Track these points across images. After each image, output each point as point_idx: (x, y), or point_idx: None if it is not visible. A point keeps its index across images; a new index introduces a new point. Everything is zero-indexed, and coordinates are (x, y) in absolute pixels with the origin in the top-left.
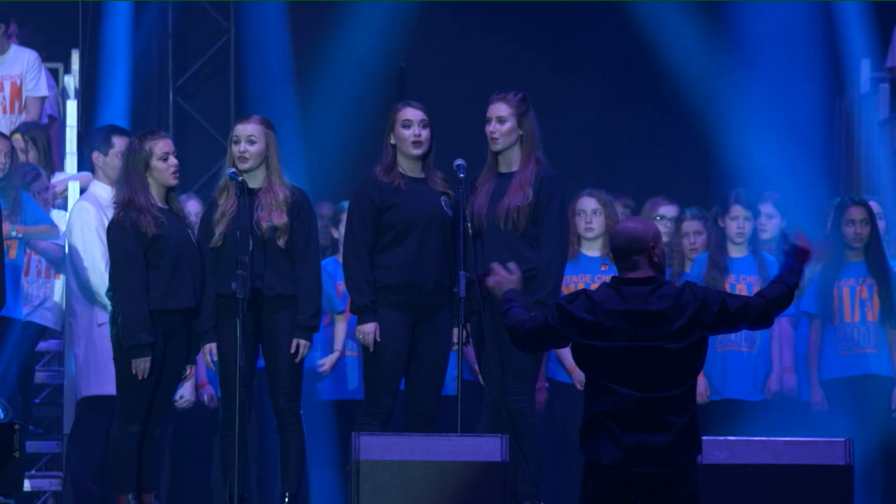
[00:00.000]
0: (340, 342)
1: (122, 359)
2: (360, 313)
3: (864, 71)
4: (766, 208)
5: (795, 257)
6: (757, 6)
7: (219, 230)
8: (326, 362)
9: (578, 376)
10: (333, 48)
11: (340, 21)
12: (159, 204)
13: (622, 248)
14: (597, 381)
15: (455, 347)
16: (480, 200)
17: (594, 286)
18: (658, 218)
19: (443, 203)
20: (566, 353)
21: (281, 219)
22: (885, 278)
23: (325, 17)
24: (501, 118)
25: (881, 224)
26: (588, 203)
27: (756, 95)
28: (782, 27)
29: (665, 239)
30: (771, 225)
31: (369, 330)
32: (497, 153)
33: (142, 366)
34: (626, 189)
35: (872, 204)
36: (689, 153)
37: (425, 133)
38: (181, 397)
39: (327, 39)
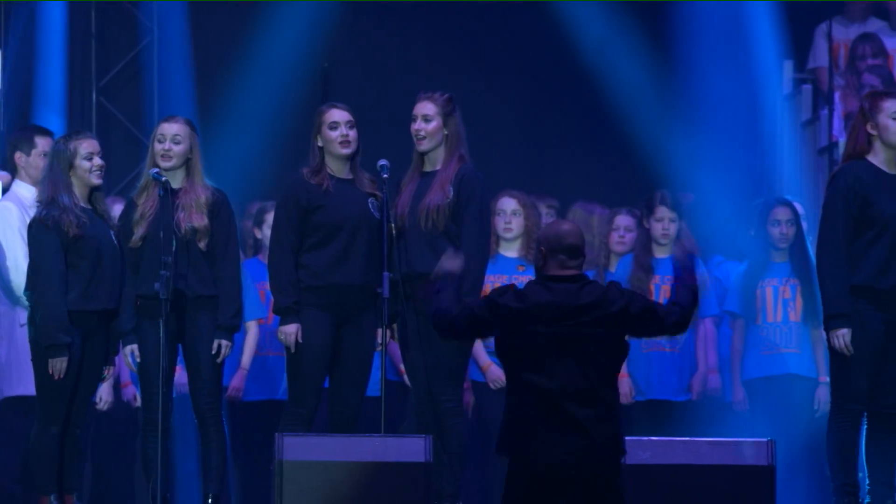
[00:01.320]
0: (248, 357)
1: (40, 359)
2: (283, 314)
3: (787, 72)
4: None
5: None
6: (680, 6)
7: (139, 231)
8: (233, 382)
9: (492, 375)
10: (257, 48)
11: (264, 21)
12: (82, 204)
13: (549, 250)
14: (519, 377)
15: (380, 348)
16: (404, 200)
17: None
18: (585, 221)
19: (370, 205)
20: (480, 352)
21: (202, 221)
22: (808, 279)
23: (249, 18)
24: (427, 117)
25: (804, 225)
26: (508, 203)
27: (680, 96)
28: (705, 28)
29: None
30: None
31: (291, 331)
32: (423, 153)
33: (58, 366)
34: (550, 189)
35: (796, 205)
36: (613, 154)
37: (353, 133)
38: (100, 399)
39: (251, 40)
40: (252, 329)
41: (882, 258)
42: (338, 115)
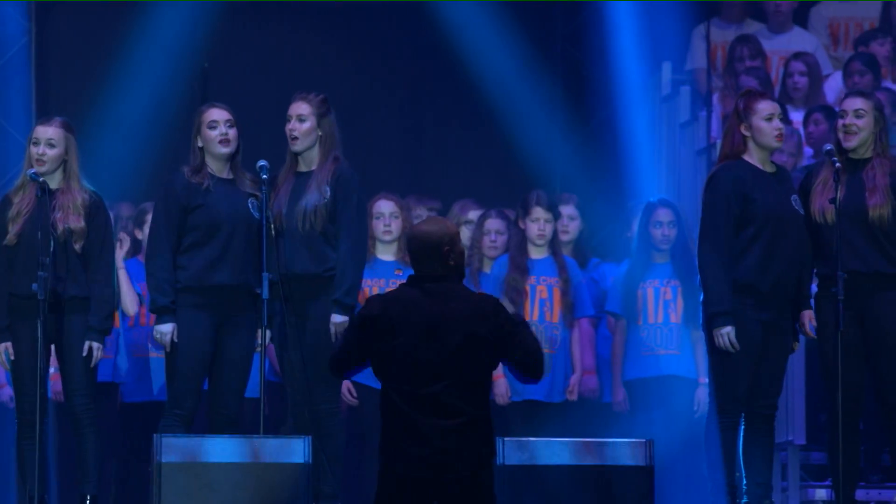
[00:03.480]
0: None
1: None
2: (159, 313)
3: (666, 73)
4: (568, 210)
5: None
6: (559, 7)
7: (13, 228)
8: None
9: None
10: (136, 48)
11: (143, 21)
12: None
13: (416, 252)
14: (386, 385)
15: (259, 349)
16: (280, 200)
17: (389, 290)
18: (466, 223)
19: (250, 205)
20: None
21: (78, 223)
22: (690, 280)
23: (127, 17)
24: (301, 117)
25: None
26: (386, 206)
27: (559, 97)
28: (584, 28)
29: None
30: (572, 227)
31: (166, 330)
32: (297, 153)
33: None
34: (429, 191)
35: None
36: (491, 155)
37: (232, 132)
38: None
39: (129, 39)
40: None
41: (762, 257)
42: (217, 114)
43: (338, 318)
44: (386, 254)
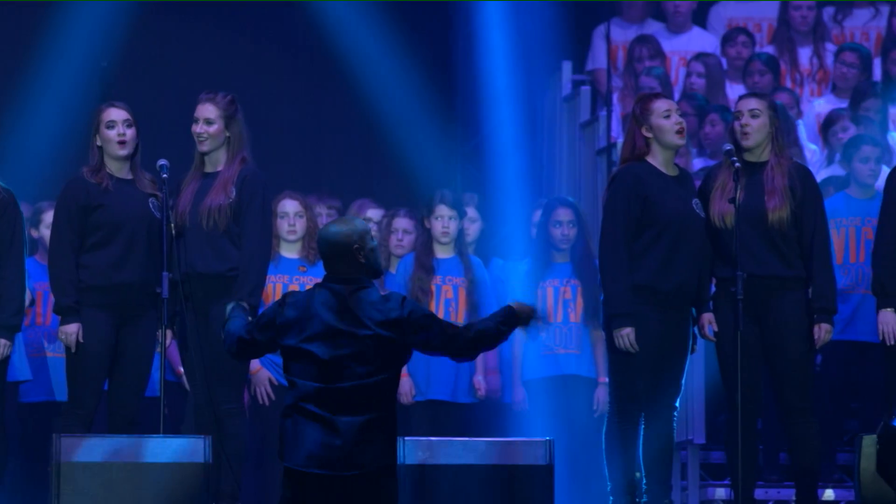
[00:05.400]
0: None
1: None
2: (63, 314)
3: (566, 73)
4: (468, 210)
5: (506, 327)
6: (459, 6)
7: None
8: None
9: (259, 380)
10: (35, 47)
11: (42, 21)
12: None
13: (325, 252)
14: (290, 382)
15: (160, 349)
16: (185, 200)
17: (292, 287)
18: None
19: (150, 205)
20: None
21: None
22: (589, 279)
23: (27, 17)
24: (209, 120)
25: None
26: (291, 205)
27: (458, 97)
28: (484, 28)
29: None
30: (473, 228)
31: (72, 330)
32: (204, 153)
33: None
34: (331, 190)
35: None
36: (394, 154)
37: (130, 132)
38: None
39: (30, 39)
40: None
41: (662, 258)
42: (115, 113)
43: None
44: (290, 251)
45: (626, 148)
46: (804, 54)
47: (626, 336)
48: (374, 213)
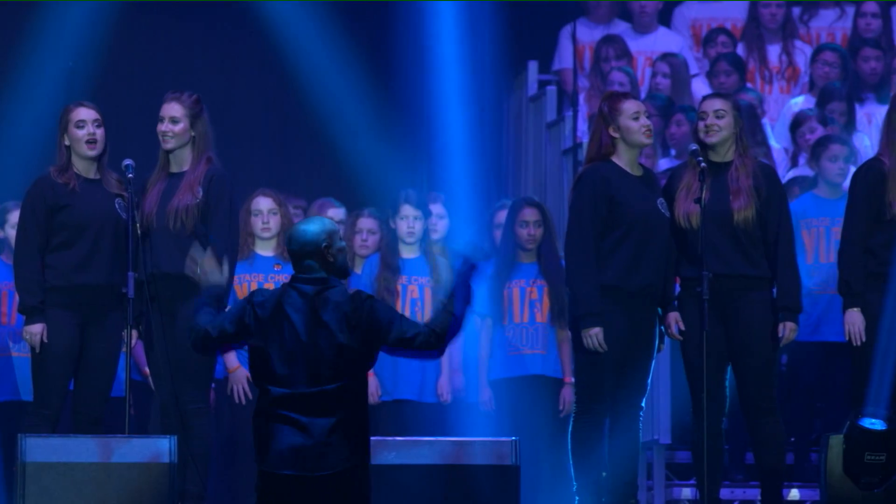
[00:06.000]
0: None
1: None
2: (28, 314)
3: (532, 73)
4: (436, 209)
5: (463, 279)
6: (424, 6)
7: None
8: None
9: (238, 379)
10: (1, 47)
11: (8, 20)
12: None
13: (294, 251)
14: (264, 382)
15: (125, 349)
16: (151, 200)
17: (267, 285)
18: None
19: (117, 205)
20: (229, 354)
21: None
22: (556, 279)
23: None
24: (174, 119)
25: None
26: (265, 203)
27: (425, 96)
28: (451, 27)
29: None
30: (441, 226)
31: (36, 331)
32: (169, 152)
33: None
34: (298, 190)
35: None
36: (359, 154)
37: (100, 132)
38: None
39: None
40: None
41: (629, 258)
42: (85, 113)
43: None
44: (265, 249)
45: (591, 147)
46: (773, 52)
47: (595, 336)
48: (334, 213)
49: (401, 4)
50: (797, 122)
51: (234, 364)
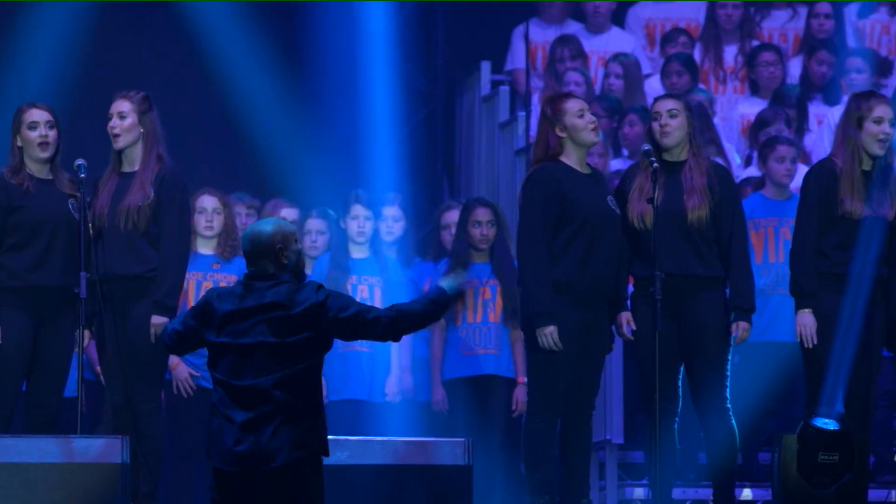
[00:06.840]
0: None
1: None
2: None
3: (485, 73)
4: (392, 210)
5: (435, 304)
6: (373, 6)
7: None
8: None
9: (179, 375)
10: None
11: None
12: None
13: (248, 250)
14: (217, 378)
15: (78, 349)
16: (102, 200)
17: (206, 284)
18: None
19: (70, 205)
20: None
21: None
22: (508, 279)
23: None
24: (122, 114)
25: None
26: (209, 201)
27: (377, 97)
28: (401, 27)
29: None
30: (397, 227)
31: None
32: (119, 151)
33: None
34: (248, 189)
35: None
36: (311, 154)
37: (52, 134)
38: None
39: None
40: None
41: (580, 256)
42: (37, 114)
43: (157, 319)
44: (205, 248)
45: (538, 149)
46: (730, 52)
47: (550, 334)
48: (288, 213)
49: (356, 4)
50: (762, 123)
51: (175, 361)
